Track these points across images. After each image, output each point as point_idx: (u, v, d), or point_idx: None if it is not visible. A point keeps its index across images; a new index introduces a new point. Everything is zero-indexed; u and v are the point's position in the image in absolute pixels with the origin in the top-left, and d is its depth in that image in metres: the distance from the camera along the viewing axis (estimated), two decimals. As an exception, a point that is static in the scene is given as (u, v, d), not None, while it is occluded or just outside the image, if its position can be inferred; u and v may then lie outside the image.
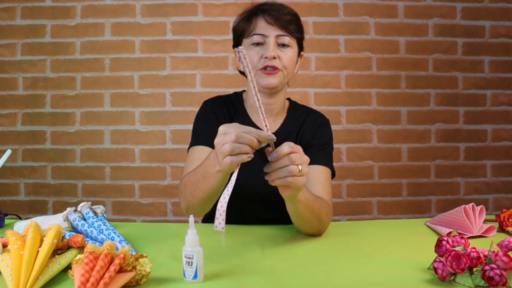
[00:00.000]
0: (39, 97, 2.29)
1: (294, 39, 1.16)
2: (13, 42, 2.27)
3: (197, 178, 0.94)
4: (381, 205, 2.34)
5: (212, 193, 0.93)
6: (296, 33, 1.15)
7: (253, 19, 1.15)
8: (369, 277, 0.78)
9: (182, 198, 1.05)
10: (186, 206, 1.04)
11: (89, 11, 2.28)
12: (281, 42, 1.13)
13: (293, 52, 1.15)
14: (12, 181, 2.30)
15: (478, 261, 0.72)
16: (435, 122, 2.35)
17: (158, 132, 2.30)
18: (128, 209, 2.30)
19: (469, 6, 2.33)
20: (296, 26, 1.16)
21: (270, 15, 1.13)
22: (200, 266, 0.74)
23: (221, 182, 0.89)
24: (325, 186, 1.15)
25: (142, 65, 2.29)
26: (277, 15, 1.12)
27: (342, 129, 2.32)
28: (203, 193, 0.94)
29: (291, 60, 1.15)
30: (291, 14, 1.15)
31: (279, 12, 1.13)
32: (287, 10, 1.15)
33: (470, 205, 1.07)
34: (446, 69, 2.34)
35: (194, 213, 1.04)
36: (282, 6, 1.16)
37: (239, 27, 1.19)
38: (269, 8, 1.14)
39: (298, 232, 1.11)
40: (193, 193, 0.97)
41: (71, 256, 0.79)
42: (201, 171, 0.93)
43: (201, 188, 0.93)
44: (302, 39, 1.20)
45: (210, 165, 0.88)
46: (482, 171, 2.37)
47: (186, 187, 1.01)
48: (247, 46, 1.15)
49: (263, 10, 1.14)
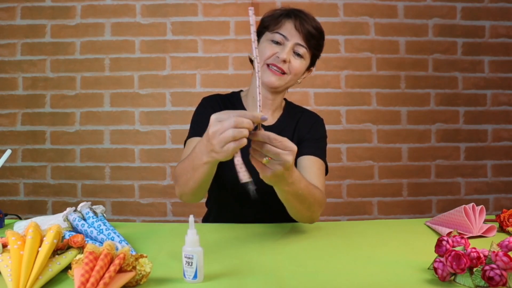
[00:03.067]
0: (39, 97, 2.29)
1: (310, 53, 1.20)
2: (13, 42, 2.27)
3: (187, 169, 0.96)
4: (381, 205, 2.34)
5: (202, 182, 0.95)
6: (313, 49, 1.20)
7: (283, 19, 1.18)
8: (369, 277, 0.78)
9: (176, 186, 1.07)
10: (180, 193, 1.06)
11: (89, 11, 2.28)
12: (297, 51, 1.16)
13: (304, 64, 1.19)
14: (11, 181, 2.30)
15: (478, 261, 0.72)
16: (435, 122, 2.35)
17: (158, 132, 2.30)
18: (128, 209, 2.30)
19: (469, 6, 2.33)
20: (317, 43, 1.20)
21: (300, 22, 1.16)
22: (200, 266, 0.74)
23: (209, 172, 0.91)
24: (319, 176, 1.17)
25: (142, 65, 2.29)
26: (305, 25, 1.16)
27: (342, 129, 2.32)
28: (194, 183, 0.96)
29: (300, 69, 1.18)
30: (317, 29, 1.19)
31: (308, 23, 1.17)
32: (315, 25, 1.19)
33: (470, 205, 1.07)
34: (446, 69, 2.34)
35: (188, 200, 1.07)
36: (314, 19, 1.20)
37: (266, 20, 1.22)
38: (302, 16, 1.18)
39: (298, 231, 1.11)
40: (185, 182, 0.99)
41: (71, 256, 0.79)
42: (189, 163, 0.94)
43: (191, 178, 0.95)
44: (318, 57, 1.25)
45: (197, 158, 0.89)
46: (483, 171, 2.37)
47: (179, 176, 1.03)
48: (266, 40, 1.18)
49: (295, 15, 1.18)
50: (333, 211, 2.32)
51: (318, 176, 1.17)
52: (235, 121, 0.77)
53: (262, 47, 1.18)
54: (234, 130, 0.76)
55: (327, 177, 1.28)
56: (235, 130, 0.76)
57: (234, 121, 0.77)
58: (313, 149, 1.21)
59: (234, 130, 0.76)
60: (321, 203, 1.09)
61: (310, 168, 1.16)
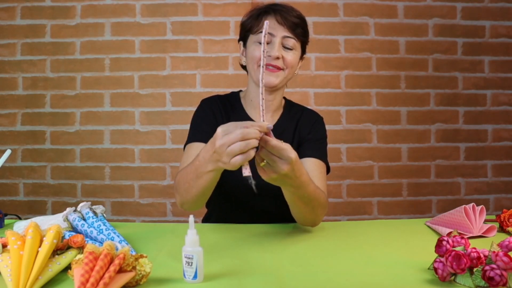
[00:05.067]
0: (39, 97, 2.29)
1: (299, 42, 1.20)
2: (13, 42, 2.27)
3: (190, 176, 0.95)
4: (381, 205, 2.34)
5: (205, 190, 0.95)
6: (301, 37, 1.20)
7: (263, 17, 1.18)
8: (369, 277, 0.78)
9: (176, 194, 1.07)
10: (181, 202, 1.06)
11: (89, 11, 2.28)
12: (286, 44, 1.16)
13: (296, 54, 1.19)
14: (11, 181, 2.30)
15: (478, 261, 0.72)
16: (435, 122, 2.35)
17: (158, 132, 2.30)
18: (128, 209, 2.30)
19: (469, 6, 2.33)
20: (303, 30, 1.20)
21: (281, 15, 1.16)
22: (200, 266, 0.74)
23: (213, 180, 0.92)
24: (321, 179, 1.18)
25: (142, 65, 2.29)
26: (287, 16, 1.16)
27: (342, 129, 2.32)
28: (196, 191, 0.96)
29: (293, 61, 1.18)
30: (299, 17, 1.19)
31: (289, 14, 1.17)
32: (296, 14, 1.19)
33: (470, 205, 1.07)
34: (446, 69, 2.34)
35: (189, 208, 1.06)
36: (292, 9, 1.19)
37: (247, 23, 1.22)
38: (280, 9, 1.18)
39: (298, 231, 1.11)
40: (187, 190, 0.99)
41: (71, 256, 0.79)
42: (192, 170, 0.94)
43: (194, 186, 0.95)
44: (306, 43, 1.25)
45: (201, 166, 0.89)
46: (483, 171, 2.37)
47: (180, 184, 1.03)
48: (252, 42, 1.18)
49: (274, 10, 1.17)
50: (333, 211, 2.32)
51: (320, 179, 1.17)
52: (242, 133, 0.77)
53: (250, 50, 1.18)
54: (242, 143, 0.77)
55: (327, 177, 1.28)
56: (242, 143, 0.77)
57: (241, 133, 0.77)
58: (314, 151, 1.21)
59: (241, 143, 0.77)
60: (325, 206, 1.10)
61: (312, 171, 1.16)
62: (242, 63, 1.27)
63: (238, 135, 0.77)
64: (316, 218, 1.08)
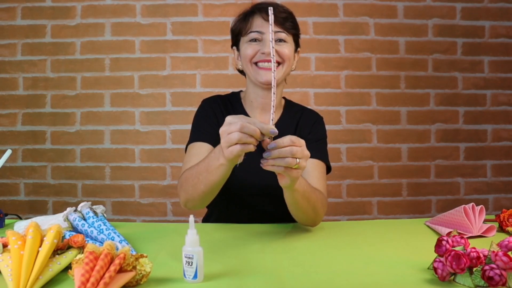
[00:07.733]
0: (39, 97, 2.29)
1: (290, 35, 1.19)
2: (13, 42, 2.27)
3: (200, 171, 0.97)
4: (381, 205, 2.35)
5: (214, 186, 0.96)
6: (291, 30, 1.20)
7: (250, 17, 1.19)
8: (369, 277, 0.78)
9: (181, 191, 1.07)
10: (186, 199, 1.06)
11: (89, 11, 2.28)
12: (277, 37, 1.16)
13: (290, 47, 1.19)
14: (12, 181, 2.30)
15: (478, 261, 0.72)
16: (435, 122, 2.35)
17: (158, 132, 2.30)
18: (128, 209, 2.30)
19: (469, 6, 2.33)
20: (292, 23, 1.20)
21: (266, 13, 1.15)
22: (200, 266, 0.74)
23: (223, 175, 0.93)
24: (320, 180, 1.18)
25: (142, 65, 2.29)
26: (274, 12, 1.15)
27: (342, 129, 2.32)
28: (205, 186, 0.97)
29: (289, 53, 1.18)
30: (286, 12, 1.20)
31: (275, 10, 1.16)
32: (282, 9, 1.19)
33: (470, 205, 1.07)
34: (446, 69, 2.34)
35: (193, 206, 1.06)
36: (278, 5, 1.20)
37: (236, 27, 1.23)
38: (265, 6, 1.17)
39: (298, 231, 1.11)
40: (195, 186, 0.99)
41: (71, 256, 0.79)
42: (204, 164, 0.95)
43: (203, 181, 0.96)
44: (298, 36, 1.24)
45: (214, 158, 0.91)
46: (482, 171, 2.37)
47: (187, 180, 1.03)
48: (244, 43, 1.19)
49: (259, 9, 1.18)
50: (333, 211, 2.32)
51: (320, 179, 1.18)
52: (241, 125, 0.80)
53: (242, 50, 1.18)
54: (240, 133, 0.80)
55: (328, 177, 1.28)
56: (240, 133, 0.80)
57: (240, 125, 0.80)
58: (314, 152, 1.20)
59: (239, 133, 0.81)
60: (324, 204, 1.10)
61: (312, 172, 1.17)
62: (238, 68, 1.28)
63: (238, 125, 0.81)
64: (317, 217, 1.09)
